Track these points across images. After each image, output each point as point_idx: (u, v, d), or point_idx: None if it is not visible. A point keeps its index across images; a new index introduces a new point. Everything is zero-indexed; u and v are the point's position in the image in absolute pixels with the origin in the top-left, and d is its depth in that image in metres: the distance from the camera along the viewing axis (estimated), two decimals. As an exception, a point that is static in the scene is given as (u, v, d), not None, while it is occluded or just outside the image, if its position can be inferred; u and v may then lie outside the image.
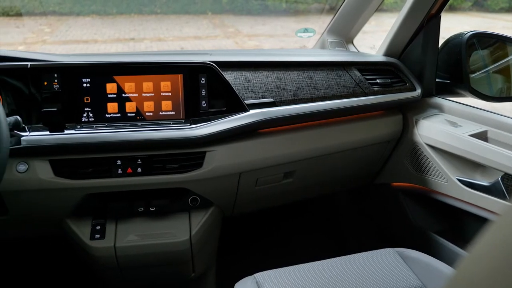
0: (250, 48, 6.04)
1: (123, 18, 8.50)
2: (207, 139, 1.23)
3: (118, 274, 1.37)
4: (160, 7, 8.60)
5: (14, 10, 8.71)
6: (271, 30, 7.31)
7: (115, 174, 1.22)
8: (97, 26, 8.07)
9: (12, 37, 7.58)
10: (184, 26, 7.76)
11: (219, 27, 7.71)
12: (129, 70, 1.24)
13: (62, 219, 1.30)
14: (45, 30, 7.94)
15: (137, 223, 1.33)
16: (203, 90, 1.27)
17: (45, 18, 8.65)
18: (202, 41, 6.70)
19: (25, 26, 8.22)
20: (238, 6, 8.26)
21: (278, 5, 8.18)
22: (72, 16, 8.66)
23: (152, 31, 7.55)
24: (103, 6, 8.73)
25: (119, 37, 7.29)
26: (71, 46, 6.74)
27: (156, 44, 6.58)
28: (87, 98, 1.22)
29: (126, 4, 8.69)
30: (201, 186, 1.31)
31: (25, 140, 1.15)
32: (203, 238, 1.38)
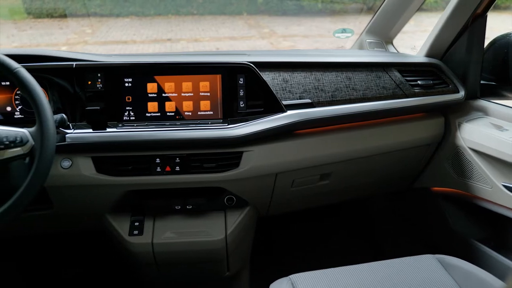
0: (285, 49, 6.03)
1: (160, 19, 8.67)
2: (244, 139, 1.23)
3: (154, 270, 1.39)
4: (197, 8, 8.71)
5: (57, 12, 9.05)
6: (306, 31, 7.26)
7: (154, 172, 1.25)
8: (135, 27, 8.27)
9: (56, 38, 7.87)
10: (220, 27, 7.84)
11: (254, 28, 7.73)
12: (169, 70, 1.26)
13: (103, 215, 1.34)
14: (86, 31, 8.20)
15: (174, 221, 1.35)
16: (241, 90, 1.27)
17: (87, 20, 8.94)
18: (237, 42, 6.74)
19: (68, 27, 8.52)
20: (273, 7, 8.26)
21: (313, 6, 8.12)
22: (112, 18, 8.91)
23: (188, 32, 7.67)
24: (142, 7, 8.93)
25: (157, 38, 7.44)
26: (110, 47, 6.93)
27: (192, 45, 6.67)
28: (129, 97, 1.25)
29: (164, 5, 8.85)
30: (237, 185, 1.31)
31: (69, 137, 1.19)
32: (238, 238, 1.39)
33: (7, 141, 0.98)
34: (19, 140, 0.99)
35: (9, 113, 1.27)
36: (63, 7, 9.11)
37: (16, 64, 1.01)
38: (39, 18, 9.05)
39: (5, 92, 1.26)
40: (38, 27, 8.71)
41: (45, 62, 1.26)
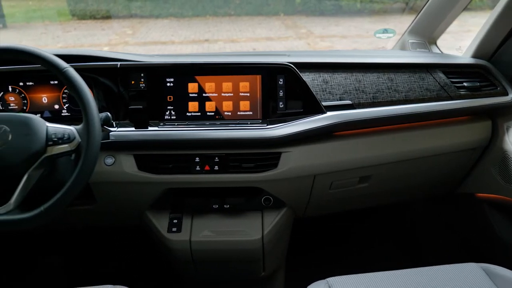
0: (322, 49, 5.97)
1: (198, 20, 8.80)
2: (283, 140, 1.23)
3: (192, 267, 1.41)
4: (234, 9, 8.78)
5: (100, 13, 9.36)
6: (344, 31, 7.16)
7: (194, 171, 1.26)
8: (174, 28, 8.43)
9: (98, 39, 8.14)
10: (257, 27, 7.86)
11: (291, 28, 7.70)
12: (210, 70, 1.28)
13: (143, 211, 1.37)
14: (127, 32, 8.44)
15: (212, 220, 1.37)
16: (280, 91, 1.27)
17: (128, 21, 9.20)
18: (273, 42, 6.74)
19: (110, 29, 8.80)
20: (311, 7, 8.21)
21: (352, 5, 8.01)
22: (152, 19, 9.12)
23: (225, 33, 7.73)
24: (180, 8, 9.10)
25: (194, 39, 7.55)
26: (150, 47, 7.09)
27: (229, 45, 6.72)
28: (170, 97, 1.28)
29: (202, 6, 8.98)
30: (275, 186, 1.31)
31: (113, 135, 1.23)
32: (275, 238, 1.38)
33: (56, 138, 1.02)
34: (66, 137, 1.03)
35: (57, 111, 1.33)
36: (105, 9, 9.41)
37: (65, 64, 1.04)
38: (83, 19, 9.39)
39: (54, 91, 1.32)
40: (82, 28, 9.03)
41: (91, 62, 1.30)
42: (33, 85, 1.31)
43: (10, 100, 1.31)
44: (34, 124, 1.02)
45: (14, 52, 1.04)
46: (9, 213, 0.98)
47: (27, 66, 1.29)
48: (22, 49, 1.04)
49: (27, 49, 1.04)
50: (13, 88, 1.31)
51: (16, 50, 1.04)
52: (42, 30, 8.91)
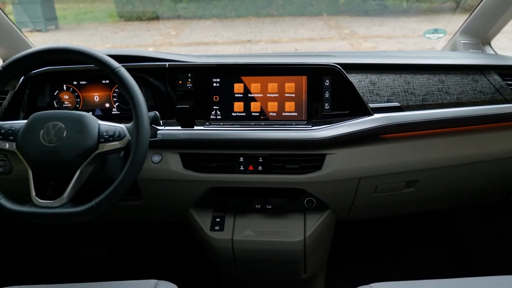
0: (367, 50, 5.86)
1: (241, 21, 8.88)
2: (328, 141, 1.21)
3: (233, 265, 1.42)
4: (277, 9, 8.79)
5: (146, 15, 9.64)
6: (389, 31, 7.01)
7: (238, 171, 1.27)
8: (217, 29, 8.55)
9: (144, 40, 8.38)
10: (299, 28, 7.83)
11: (334, 29, 7.62)
12: (256, 71, 1.28)
13: (187, 209, 1.40)
14: (171, 33, 8.64)
15: (254, 219, 1.37)
16: (326, 92, 1.26)
17: (172, 22, 9.42)
18: (316, 43, 6.69)
19: (155, 30, 9.04)
20: (354, 7, 8.09)
21: (398, 5, 7.82)
22: (195, 20, 9.30)
23: (267, 33, 7.75)
24: (223, 9, 9.21)
25: (237, 39, 7.62)
26: (193, 48, 7.23)
27: (271, 46, 6.74)
28: (216, 97, 1.29)
29: (244, 7, 9.05)
30: (318, 188, 1.30)
31: (160, 134, 1.26)
32: (317, 240, 1.37)
33: (107, 135, 1.06)
34: (117, 134, 1.06)
35: (107, 109, 1.37)
36: (151, 10, 9.67)
37: (117, 64, 1.08)
38: (129, 21, 9.71)
39: (105, 90, 1.37)
40: (129, 29, 9.34)
41: (141, 62, 1.34)
42: (86, 84, 1.37)
43: (65, 98, 1.37)
44: (87, 121, 1.06)
45: (69, 52, 1.08)
46: (63, 206, 1.03)
47: (81, 66, 1.35)
48: (77, 49, 1.08)
49: (82, 50, 1.08)
50: (67, 87, 1.37)
51: (71, 50, 1.08)
52: (92, 31, 9.29)
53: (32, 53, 1.09)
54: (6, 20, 1.40)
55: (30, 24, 7.76)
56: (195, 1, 9.31)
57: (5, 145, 1.06)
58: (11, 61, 1.09)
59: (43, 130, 1.04)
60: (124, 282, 1.07)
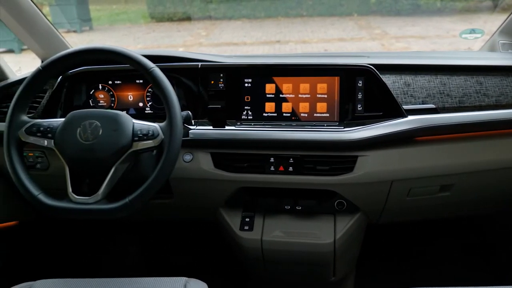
0: (399, 51, 5.75)
1: (270, 21, 8.87)
2: (360, 143, 1.20)
3: (262, 266, 1.42)
4: (306, 9, 8.74)
5: (177, 15, 9.79)
6: (422, 31, 6.85)
7: (268, 171, 1.27)
8: (246, 29, 8.58)
9: (174, 40, 8.50)
10: (329, 28, 7.76)
11: (364, 29, 7.51)
12: (288, 71, 1.28)
13: (217, 208, 1.40)
14: (201, 34, 8.72)
15: (283, 220, 1.37)
16: (359, 93, 1.24)
17: (202, 23, 9.52)
18: (346, 43, 6.61)
19: (185, 30, 9.16)
20: (386, 7, 7.95)
21: (431, 5, 7.63)
22: (225, 20, 9.36)
23: (297, 33, 7.72)
24: (253, 10, 9.24)
25: (266, 40, 7.62)
26: (222, 48, 7.28)
27: (300, 46, 6.70)
28: (248, 97, 1.30)
29: (274, 7, 9.05)
30: (349, 190, 1.28)
31: (192, 133, 1.27)
32: (347, 243, 1.35)
33: (141, 134, 1.08)
34: (151, 133, 1.08)
35: (141, 109, 1.40)
36: (182, 11, 9.81)
37: (151, 64, 1.10)
38: (160, 21, 9.87)
39: (139, 90, 1.39)
40: (160, 30, 9.50)
41: (174, 63, 1.35)
42: (120, 84, 1.40)
43: (100, 97, 1.41)
44: (122, 120, 1.08)
45: (106, 52, 1.11)
46: (98, 202, 1.05)
47: (116, 66, 1.38)
48: (113, 49, 1.10)
49: (118, 50, 1.10)
50: (102, 86, 1.40)
51: (108, 50, 1.11)
52: (124, 32, 9.49)
53: (70, 53, 1.12)
54: (45, 21, 1.44)
55: (65, 25, 8.00)
56: (225, 1, 9.38)
57: (44, 142, 1.09)
58: (51, 61, 1.12)
59: (80, 128, 1.07)
60: (155, 279, 1.09)
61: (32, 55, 1.59)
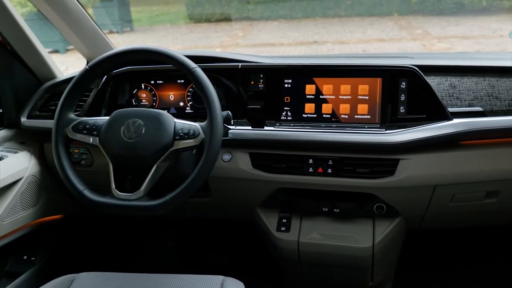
0: (439, 51, 5.58)
1: (307, 22, 8.83)
2: (402, 146, 1.17)
3: (298, 267, 1.41)
4: (345, 9, 8.64)
5: (214, 17, 9.91)
6: (466, 31, 6.62)
7: (306, 172, 1.26)
8: (283, 30, 8.57)
9: (211, 41, 8.61)
10: (368, 28, 7.63)
11: (405, 29, 7.34)
12: (329, 72, 1.27)
13: (254, 208, 1.41)
14: (238, 34, 8.79)
15: (321, 222, 1.35)
16: (402, 95, 1.21)
17: (239, 23, 9.59)
18: (385, 44, 6.48)
19: (222, 31, 9.26)
20: (428, 6, 7.73)
21: (476, 4, 7.36)
22: (262, 21, 9.39)
23: (335, 34, 7.64)
24: (290, 10, 9.22)
25: (303, 40, 7.58)
26: (259, 49, 7.30)
27: (338, 47, 6.63)
28: (287, 98, 1.29)
29: (312, 8, 9.00)
30: (390, 194, 1.25)
31: (231, 133, 1.28)
32: (386, 248, 1.32)
33: (182, 133, 1.09)
34: (192, 132, 1.09)
35: (181, 108, 1.42)
36: (219, 12, 9.92)
37: (193, 64, 1.11)
38: (198, 22, 10.03)
39: (180, 89, 1.42)
40: (197, 31, 9.65)
41: (214, 63, 1.37)
42: (162, 84, 1.42)
43: (142, 96, 1.44)
44: (164, 119, 1.10)
45: (150, 52, 1.13)
46: (139, 199, 1.07)
47: (158, 66, 1.41)
48: (157, 50, 1.13)
49: (161, 50, 1.12)
50: (145, 86, 1.44)
51: (152, 51, 1.13)
52: (163, 32, 9.70)
53: (116, 54, 1.15)
54: (91, 23, 1.49)
55: (108, 26, 8.26)
56: (262, 2, 9.41)
57: (89, 139, 1.13)
58: (97, 61, 1.16)
59: (123, 127, 1.10)
60: (193, 276, 1.10)
61: (76, 56, 1.65)
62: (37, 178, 1.44)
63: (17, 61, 1.43)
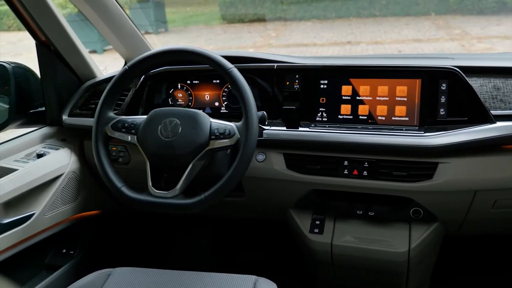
0: (479, 52, 5.40)
1: (341, 22, 8.74)
2: (442, 149, 1.14)
3: (330, 270, 1.40)
4: (380, 9, 8.49)
5: (247, 17, 9.96)
6: (508, 31, 6.36)
7: (341, 174, 1.25)
8: (316, 30, 8.52)
9: (244, 41, 8.66)
10: (403, 28, 7.47)
11: (442, 29, 7.14)
12: (366, 73, 1.25)
13: (287, 209, 1.40)
14: (271, 35, 8.80)
15: (355, 225, 1.34)
16: (442, 97, 1.18)
17: (272, 24, 9.59)
18: (422, 44, 6.33)
19: (255, 31, 9.29)
20: (467, 5, 7.49)
21: (520, 2, 7.08)
22: (295, 22, 9.36)
23: (369, 34, 7.52)
24: (324, 11, 9.15)
25: (336, 40, 7.51)
26: (292, 49, 7.28)
27: (372, 47, 6.53)
28: (323, 99, 1.28)
29: (346, 8, 8.90)
30: (427, 198, 1.22)
31: (266, 133, 1.28)
32: (422, 253, 1.29)
33: (218, 133, 1.10)
34: (227, 132, 1.10)
35: (216, 108, 1.43)
36: (252, 13, 9.96)
37: (230, 64, 1.12)
38: (231, 23, 10.11)
39: (215, 89, 1.43)
40: (230, 31, 9.72)
41: (250, 63, 1.37)
42: (198, 84, 1.44)
43: (178, 96, 1.46)
44: (201, 119, 1.12)
45: (188, 53, 1.15)
46: (175, 197, 1.09)
47: (194, 66, 1.42)
48: (195, 50, 1.14)
49: (198, 51, 1.13)
50: (181, 86, 1.46)
51: (189, 51, 1.14)
52: (197, 33, 9.83)
53: (154, 54, 1.17)
54: (130, 24, 1.52)
55: (143, 27, 8.44)
56: (295, 2, 9.38)
57: (128, 137, 1.15)
58: (136, 61, 1.18)
59: (161, 126, 1.12)
60: (226, 275, 1.11)
61: (112, 56, 1.69)
62: (77, 175, 1.49)
63: (60, 61, 1.48)
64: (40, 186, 1.35)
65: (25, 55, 7.84)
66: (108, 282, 1.11)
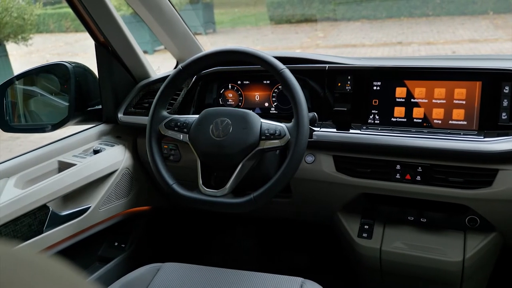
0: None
1: (391, 22, 8.52)
2: (503, 155, 1.08)
3: (378, 276, 1.37)
4: (433, 9, 8.19)
5: (295, 18, 9.92)
6: None
7: (393, 179, 1.21)
8: (365, 31, 8.35)
9: (291, 42, 8.63)
10: (458, 28, 7.17)
11: (501, 28, 6.78)
12: (421, 75, 1.21)
13: (334, 212, 1.38)
14: (319, 35, 8.72)
15: (405, 232, 1.29)
16: (505, 100, 1.12)
17: (320, 24, 9.50)
18: (478, 45, 6.04)
19: (303, 32, 9.24)
20: (531, 4, 7.08)
21: None
22: (343, 22, 9.22)
23: (421, 34, 7.28)
24: (374, 10, 8.95)
25: (386, 41, 7.33)
26: (340, 50, 7.18)
27: (424, 48, 6.31)
28: (375, 101, 1.25)
29: (397, 7, 8.66)
30: (485, 206, 1.16)
31: (316, 135, 1.26)
32: (477, 264, 1.23)
33: (268, 133, 1.10)
34: (278, 133, 1.10)
35: (266, 108, 1.44)
36: (300, 13, 9.92)
37: (282, 65, 1.12)
38: (279, 24, 10.11)
39: (265, 90, 1.43)
40: (278, 32, 9.73)
41: (301, 64, 1.36)
42: (248, 84, 1.45)
43: (229, 96, 1.48)
44: (251, 119, 1.12)
45: (240, 53, 1.16)
46: (225, 196, 1.10)
47: (245, 67, 1.43)
48: (247, 51, 1.15)
49: (251, 51, 1.14)
50: (232, 86, 1.47)
51: (242, 52, 1.16)
52: (245, 34, 9.92)
53: (208, 55, 1.19)
54: (183, 25, 1.56)
55: (192, 28, 8.63)
56: (344, 2, 9.24)
57: (180, 136, 1.18)
58: (190, 61, 1.21)
59: (212, 125, 1.13)
60: (272, 276, 1.11)
61: (163, 56, 1.73)
62: (130, 171, 1.54)
63: (117, 61, 1.54)
64: (96, 180, 1.41)
65: (81, 55, 8.24)
66: (157, 276, 1.14)
